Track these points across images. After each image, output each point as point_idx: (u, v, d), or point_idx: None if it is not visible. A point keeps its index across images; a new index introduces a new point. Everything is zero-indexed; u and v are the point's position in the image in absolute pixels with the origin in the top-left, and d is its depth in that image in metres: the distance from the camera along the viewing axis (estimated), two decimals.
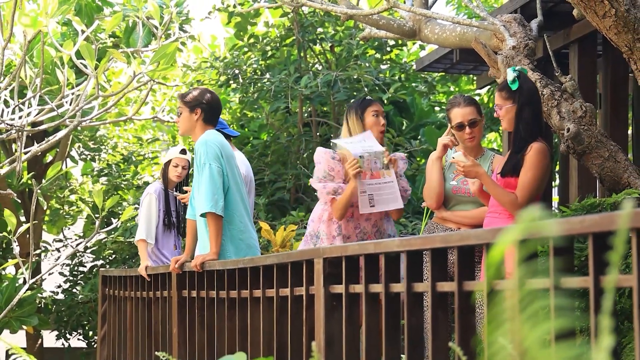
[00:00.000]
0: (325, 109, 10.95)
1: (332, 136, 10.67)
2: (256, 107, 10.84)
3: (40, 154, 9.06)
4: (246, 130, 11.11)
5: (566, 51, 6.79)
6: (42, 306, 10.26)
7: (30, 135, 9.07)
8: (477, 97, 11.79)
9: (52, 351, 11.05)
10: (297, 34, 10.36)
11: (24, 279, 6.87)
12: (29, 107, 5.82)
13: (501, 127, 5.93)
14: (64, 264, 10.70)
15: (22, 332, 9.57)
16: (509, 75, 4.65)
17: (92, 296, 10.02)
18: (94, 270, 10.46)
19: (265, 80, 10.35)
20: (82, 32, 5.75)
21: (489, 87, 10.25)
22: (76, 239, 11.22)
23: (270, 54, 10.75)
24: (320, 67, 10.77)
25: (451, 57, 8.00)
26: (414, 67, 9.53)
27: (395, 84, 10.38)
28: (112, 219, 10.26)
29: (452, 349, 2.78)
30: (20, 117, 5.76)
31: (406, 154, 7.52)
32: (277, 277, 4.35)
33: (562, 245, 2.66)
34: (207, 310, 5.26)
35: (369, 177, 5.06)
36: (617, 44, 4.85)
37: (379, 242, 3.65)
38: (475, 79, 10.26)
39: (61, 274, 10.69)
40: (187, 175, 6.90)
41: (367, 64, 10.33)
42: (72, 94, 5.97)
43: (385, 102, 10.47)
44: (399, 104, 11.31)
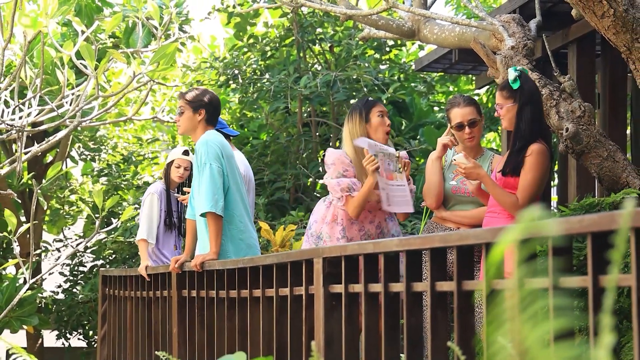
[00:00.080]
0: (324, 109, 10.96)
1: (331, 136, 10.68)
2: (256, 107, 10.84)
3: (40, 154, 9.06)
4: (246, 130, 11.11)
5: (565, 51, 6.80)
6: (43, 306, 10.27)
7: (30, 135, 9.09)
8: (476, 97, 11.79)
9: (53, 351, 11.06)
10: (297, 34, 10.36)
11: (24, 278, 6.87)
12: (29, 108, 5.83)
13: (500, 127, 5.93)
14: (64, 264, 10.70)
15: (22, 332, 9.57)
16: (511, 74, 4.65)
17: (92, 296, 10.03)
18: (94, 270, 10.47)
19: (264, 80, 10.35)
20: (82, 32, 5.76)
21: (487, 87, 10.25)
22: (76, 239, 11.23)
23: (269, 54, 10.76)
24: (319, 68, 10.77)
25: (450, 57, 8.00)
26: (413, 67, 9.53)
27: (394, 84, 10.39)
28: (112, 219, 10.27)
29: (451, 349, 2.79)
30: (20, 118, 5.76)
31: None
32: (276, 276, 4.36)
33: (561, 244, 2.67)
34: (207, 310, 5.27)
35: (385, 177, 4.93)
36: (615, 44, 4.86)
37: (378, 242, 3.65)
38: (474, 79, 10.25)
39: (61, 273, 10.69)
40: (189, 176, 6.90)
41: (366, 64, 10.33)
42: (72, 94, 5.98)
43: (384, 102, 10.47)
44: (398, 104, 11.31)
